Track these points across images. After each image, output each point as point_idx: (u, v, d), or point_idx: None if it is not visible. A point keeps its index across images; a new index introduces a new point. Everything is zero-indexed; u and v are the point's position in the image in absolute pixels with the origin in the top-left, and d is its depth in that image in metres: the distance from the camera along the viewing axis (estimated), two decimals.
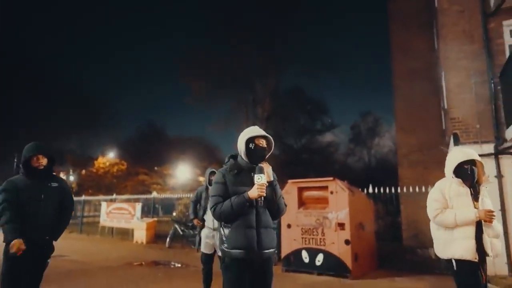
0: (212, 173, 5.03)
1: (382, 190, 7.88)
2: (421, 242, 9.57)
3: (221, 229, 2.53)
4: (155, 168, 39.48)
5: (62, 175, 41.26)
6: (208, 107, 29.87)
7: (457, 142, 6.87)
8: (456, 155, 3.00)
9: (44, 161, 3.18)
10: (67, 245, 11.73)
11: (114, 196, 15.63)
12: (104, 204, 14.87)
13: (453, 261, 2.83)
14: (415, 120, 13.36)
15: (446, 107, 8.18)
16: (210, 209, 2.53)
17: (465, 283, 2.83)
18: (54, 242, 3.25)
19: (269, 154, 2.64)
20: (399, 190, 7.93)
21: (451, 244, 2.86)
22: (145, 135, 42.41)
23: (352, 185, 7.60)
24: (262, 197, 2.40)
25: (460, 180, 2.93)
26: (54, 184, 3.21)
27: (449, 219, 2.86)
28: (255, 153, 2.56)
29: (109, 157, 40.24)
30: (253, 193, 2.38)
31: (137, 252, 10.24)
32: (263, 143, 2.57)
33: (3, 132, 32.58)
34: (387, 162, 35.17)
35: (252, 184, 2.41)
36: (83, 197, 17.69)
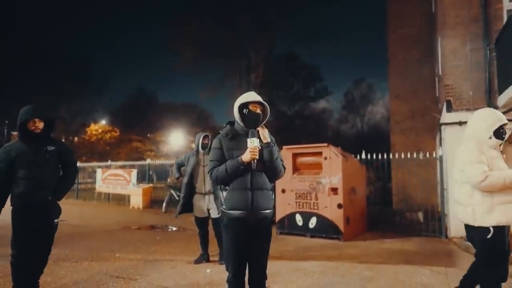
0: (206, 137, 4.99)
1: (374, 156, 8.03)
2: (409, 206, 9.91)
3: (221, 191, 2.63)
4: (148, 135, 39.43)
5: None
6: (201, 74, 29.39)
7: (449, 109, 6.96)
8: (494, 116, 2.83)
9: (40, 124, 3.14)
10: (65, 210, 11.83)
11: (109, 162, 15.70)
12: (99, 171, 14.96)
13: (491, 228, 2.66)
14: (409, 88, 13.42)
15: (440, 73, 8.21)
16: (208, 173, 2.63)
17: (499, 250, 2.71)
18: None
19: (265, 120, 2.67)
20: (391, 157, 8.09)
21: (493, 210, 2.67)
22: (136, 101, 41.91)
23: (345, 151, 7.75)
24: (255, 160, 2.45)
25: (498, 141, 2.79)
26: (51, 148, 3.17)
27: (499, 182, 2.63)
28: (248, 119, 2.59)
29: (101, 124, 39.94)
30: (245, 156, 2.45)
31: (134, 217, 10.47)
32: (257, 108, 2.60)
33: None
34: (380, 129, 35.59)
35: (246, 148, 2.48)
36: (78, 164, 17.73)
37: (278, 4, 22.13)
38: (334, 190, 6.83)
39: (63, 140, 38.74)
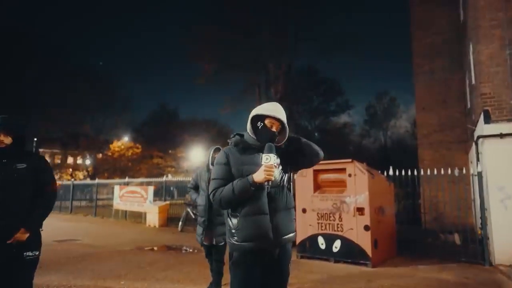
0: (217, 150, 4.41)
1: (403, 172, 7.39)
2: (442, 226, 9.11)
3: (228, 219, 2.16)
4: (169, 151, 39.59)
5: (76, 159, 41.99)
6: (220, 88, 29.39)
7: (488, 120, 6.30)
8: None
9: (6, 139, 2.64)
10: (82, 228, 11.76)
11: (127, 179, 15.57)
12: (117, 188, 14.81)
13: None
14: (436, 99, 12.68)
15: (474, 82, 7.56)
16: (210, 194, 2.16)
17: None
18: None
19: (281, 143, 2.21)
20: (422, 173, 7.43)
21: None
22: (158, 118, 42.35)
23: (370, 167, 7.16)
24: (270, 182, 1.99)
25: None
26: (21, 166, 2.64)
27: None
28: (261, 135, 2.16)
29: (124, 141, 40.50)
30: (258, 176, 1.99)
31: (149, 236, 10.11)
32: (273, 125, 2.16)
33: (17, 115, 32.95)
34: (404, 143, 34.38)
35: (260, 164, 2.02)
36: (96, 181, 17.73)
37: (297, 16, 21.93)
38: (360, 210, 6.23)
39: (87, 156, 39.41)
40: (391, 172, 7.57)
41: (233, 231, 2.09)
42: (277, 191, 2.12)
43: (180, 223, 11.37)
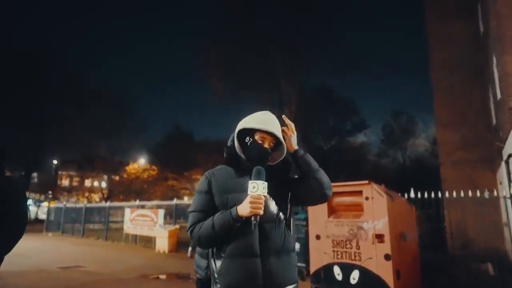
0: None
1: (426, 194, 6.81)
2: (471, 252, 8.36)
3: (212, 260, 1.73)
4: (184, 173, 39.45)
5: (93, 181, 42.28)
6: (233, 108, 29.28)
7: None
8: None
9: None
10: (89, 254, 11.42)
11: (137, 202, 15.29)
12: (127, 211, 14.53)
13: None
14: (457, 116, 12.07)
15: (500, 96, 7.02)
16: (188, 230, 1.74)
17: None
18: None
19: (276, 162, 1.82)
20: (446, 195, 6.83)
21: None
22: (173, 139, 42.52)
23: (389, 189, 6.61)
24: (258, 216, 1.57)
25: None
26: None
27: None
28: (249, 153, 1.76)
29: (140, 163, 40.67)
30: (243, 209, 1.58)
31: (157, 262, 9.67)
32: (265, 141, 1.75)
33: (33, 137, 33.57)
34: (424, 162, 33.23)
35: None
36: (108, 204, 17.53)
37: (310, 35, 21.80)
38: (380, 237, 5.66)
39: (105, 178, 39.67)
40: (412, 195, 6.99)
41: (216, 275, 1.67)
42: (272, 227, 1.68)
43: (189, 248, 10.85)
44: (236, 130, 1.80)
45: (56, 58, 34.03)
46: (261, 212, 1.56)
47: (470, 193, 6.33)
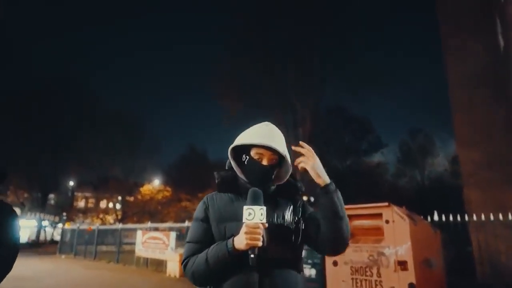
0: None
1: (451, 217, 6.33)
2: (502, 280, 7.71)
3: None
4: (198, 194, 39.22)
5: (108, 203, 42.45)
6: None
7: None
8: None
9: None
10: (98, 278, 11.09)
11: (149, 224, 15.05)
12: (139, 233, 14.27)
13: None
14: (480, 133, 11.51)
15: None
16: (182, 264, 1.51)
17: None
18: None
19: (284, 180, 1.57)
20: (474, 218, 6.34)
21: None
22: (187, 160, 42.54)
23: (411, 211, 6.17)
24: (256, 249, 1.30)
25: None
26: None
27: None
28: (248, 173, 1.52)
29: (154, 184, 40.69)
30: (239, 241, 1.31)
31: None
32: (264, 157, 1.51)
33: (50, 158, 34.11)
34: (444, 182, 32.14)
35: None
36: (120, 226, 17.33)
37: (324, 53, 21.71)
38: (403, 264, 5.22)
39: (119, 198, 39.71)
40: (435, 217, 6.52)
41: None
42: (277, 264, 1.39)
43: None
44: (230, 149, 1.55)
45: (71, 82, 34.93)
46: (259, 243, 1.28)
47: (500, 217, 5.83)
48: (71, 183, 42.09)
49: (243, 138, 1.55)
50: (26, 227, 36.67)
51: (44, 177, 34.74)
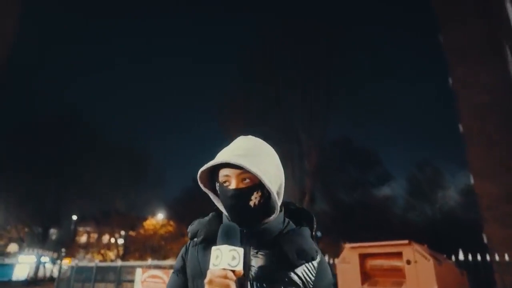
0: None
1: (477, 257, 5.76)
2: None
3: None
4: None
5: (111, 238, 41.51)
6: None
7: None
8: None
9: None
10: None
11: (149, 261, 14.38)
12: (139, 271, 13.53)
13: None
14: (495, 165, 11.05)
15: None
16: None
17: None
18: None
19: (275, 213, 1.18)
20: (507, 258, 5.76)
21: None
22: (191, 193, 41.93)
23: (434, 251, 5.61)
24: None
25: None
26: None
27: None
28: (222, 203, 1.21)
29: (158, 218, 39.87)
30: None
31: None
32: (231, 179, 1.16)
33: (52, 192, 33.74)
34: (457, 216, 31.09)
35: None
36: (120, 263, 16.59)
37: (329, 85, 21.72)
38: None
39: (122, 233, 38.82)
40: (461, 257, 5.94)
41: None
42: None
43: None
44: (198, 178, 1.21)
45: (73, 115, 35.34)
46: None
47: None
48: (74, 217, 41.43)
49: (214, 162, 1.18)
50: (25, 263, 35.65)
51: (46, 211, 34.26)
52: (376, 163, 33.79)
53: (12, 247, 34.78)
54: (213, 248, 0.98)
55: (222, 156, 1.15)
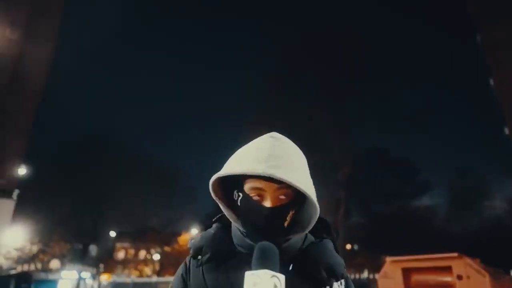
0: None
1: None
2: None
3: None
4: None
5: (147, 254, 42.25)
6: None
7: None
8: None
9: None
10: None
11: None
12: None
13: None
14: None
15: None
16: None
17: None
18: None
19: (307, 230, 0.99)
20: None
21: None
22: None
23: (488, 265, 5.08)
24: None
25: None
26: None
27: None
28: (243, 218, 0.99)
29: (192, 233, 40.18)
30: None
31: None
32: (267, 195, 0.96)
33: (91, 210, 34.96)
34: (505, 227, 28.97)
35: None
36: (155, 279, 16.69)
37: (361, 94, 21.19)
38: None
39: (158, 249, 39.41)
40: None
41: None
42: None
43: None
44: (211, 184, 1.00)
45: (110, 136, 36.88)
46: None
47: None
48: (113, 233, 42.68)
49: (229, 166, 0.99)
50: (68, 279, 36.91)
51: (85, 229, 35.58)
52: (414, 172, 32.33)
53: (54, 263, 36.06)
54: (249, 273, 0.80)
55: (254, 165, 0.93)
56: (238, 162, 0.97)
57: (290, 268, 0.95)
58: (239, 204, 0.99)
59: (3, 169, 8.92)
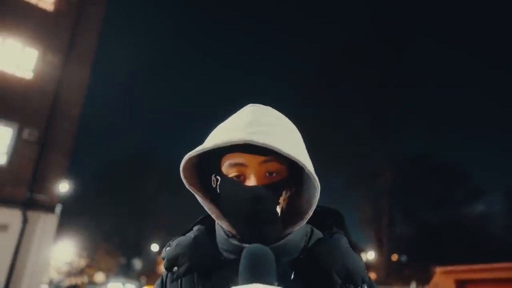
0: None
1: None
2: None
3: None
4: None
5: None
6: (321, 184, 27.88)
7: None
8: None
9: None
10: None
11: None
12: None
13: None
14: None
15: None
16: None
17: None
18: None
19: (308, 216, 0.71)
20: None
21: None
22: None
23: None
24: None
25: None
26: None
27: None
28: (225, 208, 0.75)
29: None
30: None
31: None
32: (249, 171, 0.70)
33: (132, 226, 36.22)
34: None
35: None
36: None
37: (400, 97, 20.28)
38: None
39: None
40: None
41: None
42: None
43: None
44: (181, 170, 0.76)
45: (152, 153, 38.41)
46: None
47: None
48: (156, 247, 43.81)
49: (210, 139, 0.74)
50: None
51: (129, 243, 36.96)
52: (464, 178, 30.24)
53: (99, 277, 37.34)
54: None
55: (230, 134, 0.68)
56: (212, 137, 0.73)
57: (292, 276, 0.70)
58: (218, 191, 0.74)
59: (46, 186, 9.23)
